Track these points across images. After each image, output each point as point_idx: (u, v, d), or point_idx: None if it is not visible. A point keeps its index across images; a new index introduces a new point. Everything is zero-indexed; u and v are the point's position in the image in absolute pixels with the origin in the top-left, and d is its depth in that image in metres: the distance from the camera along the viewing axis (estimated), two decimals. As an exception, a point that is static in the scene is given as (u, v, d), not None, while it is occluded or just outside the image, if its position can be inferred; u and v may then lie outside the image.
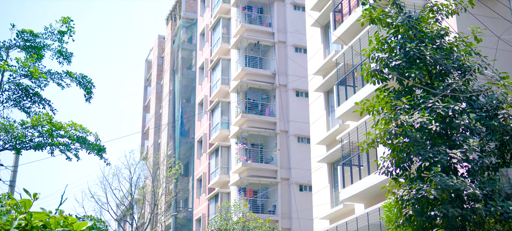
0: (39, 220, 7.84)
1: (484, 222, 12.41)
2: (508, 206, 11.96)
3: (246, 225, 34.56)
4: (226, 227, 34.76)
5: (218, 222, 35.79)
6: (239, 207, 36.37)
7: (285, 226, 39.16)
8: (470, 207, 12.36)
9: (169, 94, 58.17)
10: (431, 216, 12.39)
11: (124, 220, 48.57)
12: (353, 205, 25.15)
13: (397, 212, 13.09)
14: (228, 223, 35.03)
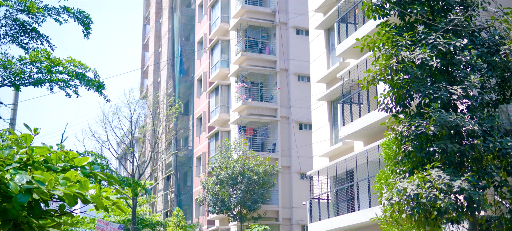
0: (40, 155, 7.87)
1: (482, 158, 12.48)
2: (506, 142, 12.00)
3: (246, 163, 34.89)
4: (226, 165, 35.10)
5: (218, 160, 36.12)
6: (239, 145, 36.63)
7: (285, 164, 39.53)
8: (468, 143, 12.41)
9: (168, 33, 57.73)
10: (429, 152, 12.46)
11: (125, 159, 49.02)
12: (352, 142, 25.30)
13: (396, 149, 13.16)
14: (228, 161, 35.35)
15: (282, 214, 39.07)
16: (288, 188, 39.51)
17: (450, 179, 11.59)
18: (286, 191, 39.45)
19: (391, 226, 15.49)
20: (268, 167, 35.47)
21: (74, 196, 7.53)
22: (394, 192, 12.23)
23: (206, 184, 36.01)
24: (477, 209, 12.25)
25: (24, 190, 6.82)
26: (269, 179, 35.48)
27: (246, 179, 34.37)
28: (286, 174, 39.67)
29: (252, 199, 34.79)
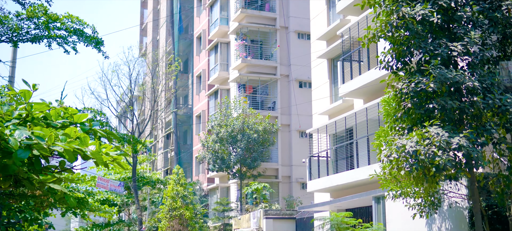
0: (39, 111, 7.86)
1: (482, 115, 12.47)
2: (506, 99, 11.97)
3: (245, 121, 34.94)
4: (226, 123, 35.15)
5: (218, 118, 36.17)
6: (239, 103, 36.62)
7: (285, 122, 39.60)
8: (468, 100, 12.39)
9: (167, -10, 57.14)
10: (429, 109, 12.45)
11: (124, 117, 49.14)
12: (352, 100, 25.28)
13: (396, 106, 13.15)
14: (228, 119, 35.40)
15: (281, 172, 39.32)
16: (288, 146, 39.67)
17: (448, 136, 11.61)
18: (286, 149, 39.63)
19: (390, 183, 15.59)
20: (268, 125, 35.54)
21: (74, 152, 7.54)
22: (393, 149, 12.26)
23: (205, 142, 36.13)
24: (476, 166, 12.28)
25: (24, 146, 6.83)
26: (268, 137, 35.59)
27: (245, 137, 34.47)
28: (286, 132, 39.78)
29: (252, 157, 34.95)
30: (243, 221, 32.49)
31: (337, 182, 24.36)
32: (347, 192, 24.91)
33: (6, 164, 6.45)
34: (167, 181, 40.76)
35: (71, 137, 7.41)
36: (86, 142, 7.46)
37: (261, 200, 33.75)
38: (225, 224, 37.97)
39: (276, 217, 30.58)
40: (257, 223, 30.61)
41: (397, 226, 19.23)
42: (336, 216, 18.46)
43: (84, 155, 7.58)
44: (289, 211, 31.48)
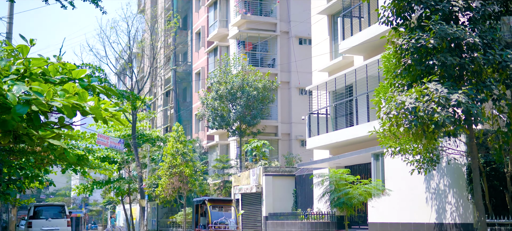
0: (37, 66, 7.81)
1: (482, 71, 12.40)
2: (506, 54, 11.89)
3: (245, 78, 34.86)
4: (226, 80, 35.07)
5: (217, 75, 36.08)
6: (238, 60, 36.48)
7: (284, 79, 39.52)
8: (468, 56, 12.31)
9: None
10: (429, 65, 12.39)
11: (123, 74, 48.98)
12: (352, 57, 25.17)
13: (396, 62, 13.08)
14: (227, 76, 35.31)
15: (281, 129, 39.41)
16: (287, 103, 39.68)
17: (448, 92, 11.57)
18: (285, 106, 39.64)
19: (389, 139, 15.63)
20: (267, 82, 35.48)
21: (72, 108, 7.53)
22: (392, 106, 12.24)
23: (205, 100, 36.11)
24: (475, 122, 12.28)
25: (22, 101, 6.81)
26: (268, 94, 35.56)
27: (245, 94, 34.44)
28: (285, 89, 39.74)
29: (251, 114, 34.99)
30: (242, 178, 32.72)
31: (337, 139, 24.42)
32: (346, 149, 25.00)
33: (5, 120, 6.43)
34: (167, 138, 40.90)
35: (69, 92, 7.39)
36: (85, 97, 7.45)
37: (260, 157, 33.92)
38: (225, 181, 38.25)
39: (275, 174, 30.77)
40: (256, 180, 30.83)
41: (395, 182, 19.37)
42: (335, 172, 18.54)
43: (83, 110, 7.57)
44: (288, 168, 31.66)
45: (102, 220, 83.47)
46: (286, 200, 30.53)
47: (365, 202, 20.17)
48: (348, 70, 23.71)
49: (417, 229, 18.31)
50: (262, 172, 30.58)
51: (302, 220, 26.41)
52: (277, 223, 28.53)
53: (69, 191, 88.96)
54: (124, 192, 44.97)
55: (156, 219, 49.51)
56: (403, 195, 19.01)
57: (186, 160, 35.53)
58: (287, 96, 39.73)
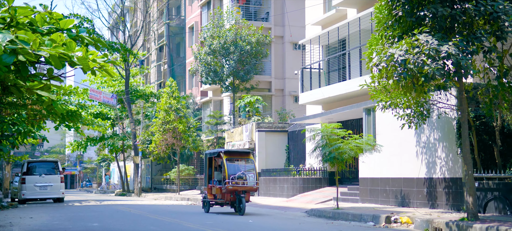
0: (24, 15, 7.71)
1: (473, 22, 12.33)
2: (498, 5, 11.79)
3: (238, 33, 34.64)
4: (219, 34, 34.86)
5: (210, 29, 35.83)
6: (232, 14, 36.19)
7: (278, 33, 39.31)
8: (460, 7, 12.22)
9: None
10: (420, 16, 12.29)
11: (116, 29, 48.59)
12: (345, 10, 25.00)
13: (387, 13, 12.99)
14: (220, 30, 35.08)
15: (274, 85, 39.37)
16: (281, 58, 39.55)
17: (438, 44, 11.52)
18: (279, 62, 39.52)
19: (380, 93, 15.63)
20: (261, 37, 35.29)
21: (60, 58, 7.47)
22: (382, 58, 12.20)
23: (198, 54, 35.95)
24: (465, 74, 12.26)
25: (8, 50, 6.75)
26: (261, 49, 35.41)
27: (238, 48, 34.28)
28: (279, 44, 39.56)
29: (245, 70, 34.89)
30: (235, 134, 32.81)
31: (329, 94, 24.44)
32: (339, 104, 25.05)
33: (-8, 70, 6.39)
34: (161, 94, 40.82)
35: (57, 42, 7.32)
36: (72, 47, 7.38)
37: (253, 113, 33.96)
38: (218, 137, 38.36)
39: (268, 130, 30.87)
40: (249, 135, 30.94)
41: (386, 137, 19.46)
42: (326, 127, 18.59)
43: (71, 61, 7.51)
44: (281, 124, 31.74)
45: (97, 178, 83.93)
46: (278, 156, 30.71)
47: (356, 157, 20.29)
48: (341, 23, 23.57)
49: (407, 183, 18.48)
50: (255, 128, 30.67)
51: (294, 176, 26.62)
52: (269, 179, 28.75)
53: (63, 148, 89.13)
54: (118, 149, 45.09)
55: (150, 176, 49.78)
56: (394, 150, 19.12)
57: (180, 116, 35.54)
58: (281, 52, 39.57)
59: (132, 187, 46.41)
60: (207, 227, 13.83)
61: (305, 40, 26.73)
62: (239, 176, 18.61)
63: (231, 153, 19.65)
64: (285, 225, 14.54)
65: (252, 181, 18.78)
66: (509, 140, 15.79)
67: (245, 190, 18.69)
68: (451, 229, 12.84)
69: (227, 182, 18.41)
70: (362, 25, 22.20)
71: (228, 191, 18.60)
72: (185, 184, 42.48)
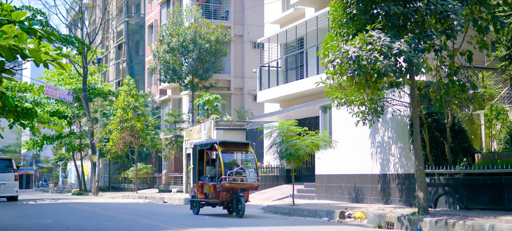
0: (-28, 6, 7.57)
1: (425, 21, 12.62)
2: (447, 4, 12.10)
3: (197, 31, 34.60)
4: (178, 32, 34.75)
5: (169, 27, 35.68)
6: (191, 12, 36.11)
7: (238, 32, 39.39)
8: (412, 6, 12.49)
9: None
10: (373, 14, 12.53)
11: (74, 26, 47.93)
12: (303, 9, 25.24)
13: (342, 11, 13.20)
14: (180, 28, 34.97)
15: (233, 84, 39.44)
16: (240, 57, 39.64)
17: (390, 41, 11.76)
18: (238, 60, 39.61)
19: (335, 90, 15.87)
20: (220, 35, 35.31)
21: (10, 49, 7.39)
22: (336, 54, 12.39)
23: (157, 52, 35.75)
24: (416, 71, 12.55)
25: (-45, 40, 6.64)
26: (221, 47, 35.42)
27: (197, 47, 34.23)
28: (239, 42, 39.65)
29: (204, 68, 34.85)
30: (194, 132, 32.75)
31: (287, 92, 24.63)
32: (296, 102, 25.28)
33: None
34: (119, 92, 40.45)
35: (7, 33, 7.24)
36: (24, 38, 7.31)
37: (212, 111, 33.95)
38: (177, 135, 38.22)
39: (226, 128, 30.90)
40: (207, 133, 30.92)
41: (342, 134, 19.74)
42: (283, 124, 18.76)
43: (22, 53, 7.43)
44: (239, 122, 31.82)
45: (53, 177, 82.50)
46: (237, 153, 30.76)
47: (313, 155, 20.52)
48: (299, 22, 23.80)
49: (361, 180, 18.78)
50: (213, 125, 30.66)
51: (252, 173, 26.70)
52: (228, 176, 28.76)
53: (19, 148, 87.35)
54: (75, 147, 44.48)
55: (108, 175, 49.25)
56: (349, 147, 19.41)
57: (138, 114, 35.30)
58: (240, 50, 39.67)
59: (89, 186, 45.82)
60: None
61: (264, 38, 26.89)
62: (238, 172, 15.94)
63: (227, 144, 16.83)
64: (241, 221, 14.61)
65: (253, 178, 16.18)
66: (459, 136, 16.21)
67: (245, 188, 16.06)
68: (403, 223, 13.12)
69: (223, 179, 15.68)
70: (319, 24, 22.46)
71: (225, 189, 15.86)
72: (143, 183, 42.18)
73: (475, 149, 16.80)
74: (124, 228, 12.48)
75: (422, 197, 13.36)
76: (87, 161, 49.42)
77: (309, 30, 23.46)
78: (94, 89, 43.13)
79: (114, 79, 52.53)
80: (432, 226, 12.34)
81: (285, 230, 12.09)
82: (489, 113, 17.06)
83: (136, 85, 38.06)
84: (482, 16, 13.14)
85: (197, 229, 12.32)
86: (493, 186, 14.10)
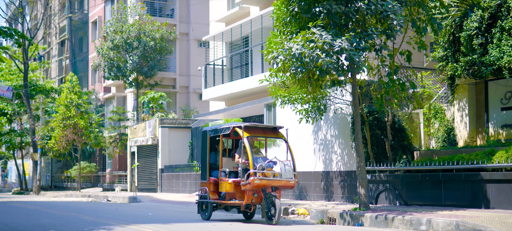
0: None
1: (365, 20, 12.87)
2: (387, 4, 12.38)
3: (142, 28, 34.26)
4: (122, 29, 34.31)
5: (113, 24, 35.19)
6: (136, 9, 35.72)
7: (183, 30, 39.19)
8: (353, 6, 12.72)
9: None
10: (315, 13, 12.70)
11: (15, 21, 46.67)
12: (249, 7, 25.34)
13: (285, 10, 13.33)
14: (124, 25, 34.54)
15: (179, 82, 39.23)
16: (186, 55, 39.47)
17: (331, 39, 11.96)
18: (184, 59, 39.42)
19: (279, 89, 16.03)
20: (165, 33, 35.05)
21: None
22: (279, 51, 12.51)
23: (100, 49, 35.20)
24: (357, 69, 12.80)
25: None
26: (166, 45, 35.16)
27: (142, 44, 33.88)
28: (184, 41, 39.46)
29: (149, 66, 34.52)
30: (138, 130, 32.41)
31: (232, 90, 24.69)
32: (242, 100, 25.37)
33: None
34: (62, 89, 39.60)
35: None
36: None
37: (157, 109, 33.68)
38: (121, 133, 37.74)
39: (171, 126, 30.69)
40: (152, 132, 30.66)
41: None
42: (227, 121, 18.83)
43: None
44: (185, 120, 31.67)
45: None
46: (182, 152, 30.59)
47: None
48: (244, 20, 23.89)
49: (305, 177, 18.99)
50: (158, 124, 30.41)
51: (197, 172, 26.63)
52: (172, 175, 28.62)
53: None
54: (15, 146, 43.32)
55: (51, 174, 48.16)
56: (293, 145, 19.58)
57: (81, 111, 34.67)
58: (186, 49, 39.49)
59: (31, 186, 44.70)
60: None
61: (209, 36, 26.86)
62: (269, 165, 12.63)
63: (255, 129, 13.41)
64: (185, 217, 14.58)
65: (289, 173, 12.83)
66: (399, 134, 16.61)
67: (278, 186, 12.77)
68: (345, 219, 13.37)
69: (252, 174, 12.28)
70: (264, 22, 22.60)
71: (255, 187, 12.50)
72: (87, 182, 41.47)
73: (415, 147, 17.26)
74: (65, 224, 12.27)
75: (363, 193, 13.64)
76: (29, 159, 48.18)
77: (254, 28, 23.58)
78: (35, 86, 42.07)
79: (57, 76, 51.40)
80: (373, 221, 12.63)
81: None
82: (428, 112, 17.56)
83: (79, 83, 37.32)
84: (420, 17, 13.49)
85: (140, 225, 12.22)
86: (431, 182, 14.51)
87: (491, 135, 15.96)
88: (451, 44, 15.79)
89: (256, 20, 22.99)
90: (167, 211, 17.42)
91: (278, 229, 11.93)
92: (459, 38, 15.51)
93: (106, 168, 42.05)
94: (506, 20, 14.15)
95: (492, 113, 16.00)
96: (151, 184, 30.67)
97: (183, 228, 11.82)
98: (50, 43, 53.07)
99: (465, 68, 15.19)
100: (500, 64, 14.16)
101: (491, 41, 14.53)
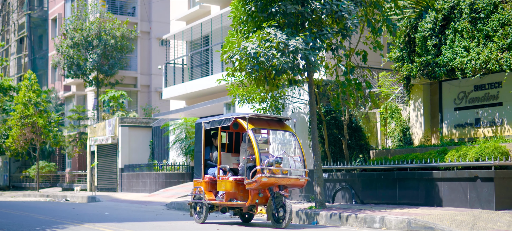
0: None
1: (321, 20, 12.98)
2: (342, 4, 12.51)
3: (103, 26, 33.87)
4: (82, 27, 33.88)
5: (73, 22, 34.72)
6: (96, 6, 35.30)
7: (145, 29, 38.89)
8: (309, 6, 12.81)
9: None
10: (272, 12, 12.75)
11: (-28, 17, 45.61)
12: (209, 6, 25.30)
13: (242, 9, 13.35)
14: (84, 23, 34.11)
15: (140, 81, 38.93)
16: (147, 54, 39.18)
17: (287, 38, 12.03)
18: (145, 57, 39.13)
19: (237, 88, 16.06)
20: (126, 31, 34.72)
21: None
22: (236, 50, 12.53)
23: (60, 47, 34.68)
24: (313, 69, 12.90)
25: None
26: (127, 44, 34.83)
27: (102, 42, 33.49)
28: (146, 39, 39.17)
29: (109, 64, 34.15)
30: (98, 129, 32.05)
31: (192, 89, 24.61)
32: (202, 99, 25.32)
33: None
34: (20, 87, 38.86)
35: None
36: None
37: (117, 108, 33.36)
38: (81, 132, 37.25)
39: (132, 125, 30.45)
40: (112, 131, 30.36)
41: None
42: (186, 120, 18.79)
43: None
44: (145, 119, 31.44)
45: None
46: (142, 151, 30.38)
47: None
48: (205, 19, 23.85)
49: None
50: (118, 123, 30.13)
51: (157, 171, 26.47)
52: (132, 175, 28.39)
53: None
54: (-29, 144, 42.34)
55: (8, 173, 47.23)
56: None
57: (40, 110, 34.08)
58: (147, 47, 39.21)
59: (-13, 186, 43.82)
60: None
61: (169, 35, 26.73)
62: (277, 160, 11.18)
63: (260, 121, 11.95)
64: (143, 216, 14.49)
65: (300, 170, 11.59)
66: (356, 134, 16.81)
67: (286, 185, 11.51)
68: (301, 217, 13.47)
69: (259, 171, 10.91)
70: (224, 22, 22.60)
71: (261, 186, 11.16)
72: (46, 182, 40.79)
73: (371, 146, 17.48)
74: (17, 224, 12.06)
75: (319, 192, 13.76)
76: (-15, 159, 47.18)
77: (214, 27, 23.56)
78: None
79: (15, 74, 50.43)
80: (327, 220, 12.76)
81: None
82: (384, 112, 17.81)
83: (38, 81, 36.68)
84: (375, 18, 13.68)
85: (94, 224, 12.10)
86: (387, 181, 14.72)
87: (445, 134, 16.27)
88: (406, 45, 16.04)
89: (216, 19, 22.97)
90: (124, 211, 17.28)
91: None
92: (414, 39, 15.78)
93: (66, 167, 41.45)
94: (458, 22, 14.45)
95: (446, 113, 16.32)
96: (111, 183, 30.37)
97: (138, 227, 11.75)
98: (9, 40, 52.05)
99: (420, 69, 15.46)
100: (453, 65, 14.46)
101: (444, 42, 14.82)
